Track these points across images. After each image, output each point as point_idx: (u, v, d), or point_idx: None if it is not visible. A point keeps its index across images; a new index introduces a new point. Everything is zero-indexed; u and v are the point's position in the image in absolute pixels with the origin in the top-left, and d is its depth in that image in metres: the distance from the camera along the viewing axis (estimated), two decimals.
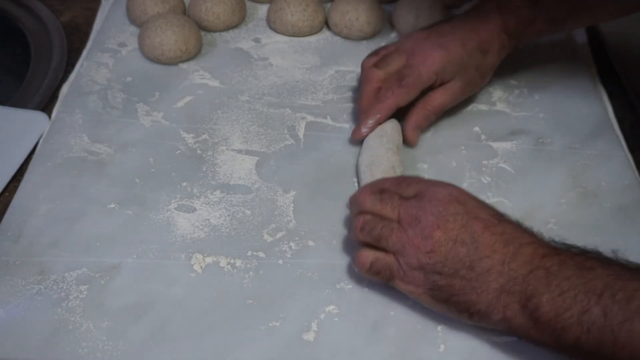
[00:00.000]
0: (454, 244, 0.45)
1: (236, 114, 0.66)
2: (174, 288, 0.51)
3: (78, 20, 0.79)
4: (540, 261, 0.43)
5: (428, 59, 0.61)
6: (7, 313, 0.49)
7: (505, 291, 0.43)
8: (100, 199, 0.57)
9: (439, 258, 0.45)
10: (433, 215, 0.46)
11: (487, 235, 0.45)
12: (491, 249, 0.44)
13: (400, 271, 0.47)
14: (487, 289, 0.44)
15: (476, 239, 0.45)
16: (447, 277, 0.45)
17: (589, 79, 0.71)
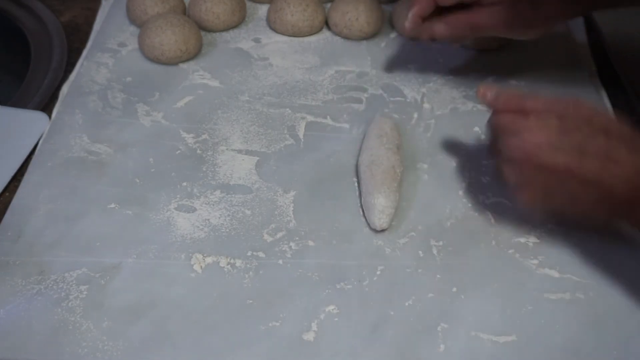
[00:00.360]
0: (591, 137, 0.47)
1: (236, 114, 0.66)
2: (174, 288, 0.51)
3: (78, 20, 0.79)
4: None
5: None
6: (7, 313, 0.49)
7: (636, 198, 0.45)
8: (100, 199, 0.57)
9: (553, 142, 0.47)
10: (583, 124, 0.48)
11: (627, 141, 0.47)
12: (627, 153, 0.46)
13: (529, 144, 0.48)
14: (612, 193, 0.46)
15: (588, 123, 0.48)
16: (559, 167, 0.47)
17: (589, 79, 0.71)
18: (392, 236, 0.55)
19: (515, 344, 0.48)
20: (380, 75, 0.71)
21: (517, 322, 0.49)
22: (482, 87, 0.54)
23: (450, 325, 0.49)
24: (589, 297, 0.51)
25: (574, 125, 0.48)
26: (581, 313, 0.50)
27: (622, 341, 0.48)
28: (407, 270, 0.53)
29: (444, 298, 0.51)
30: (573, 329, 0.49)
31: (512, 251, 0.54)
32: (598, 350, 0.48)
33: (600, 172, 0.46)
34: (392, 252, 0.54)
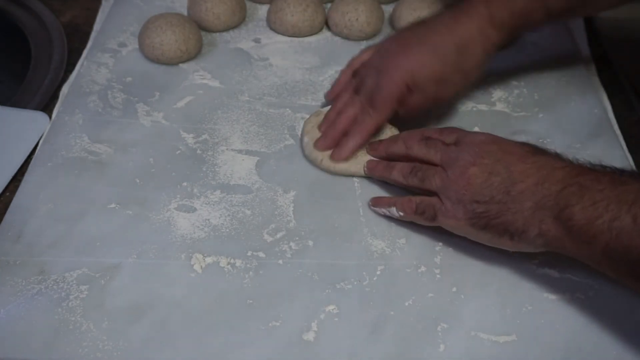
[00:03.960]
0: (488, 175, 0.49)
1: (236, 114, 0.66)
2: (174, 288, 0.51)
3: (78, 21, 0.79)
4: (573, 179, 0.45)
5: (394, 74, 0.59)
6: (7, 313, 0.49)
7: (540, 207, 0.46)
8: (101, 199, 0.57)
9: (475, 189, 0.49)
10: (469, 154, 0.50)
11: (521, 165, 0.48)
12: (525, 175, 0.48)
13: (442, 208, 0.51)
14: (522, 208, 0.47)
15: (510, 169, 0.48)
16: (484, 204, 0.48)
17: (589, 79, 0.71)
18: (392, 236, 0.55)
19: (515, 344, 0.48)
20: None
21: (517, 322, 0.49)
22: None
23: (450, 325, 0.49)
24: (588, 297, 0.51)
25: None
26: (581, 313, 0.50)
27: (622, 341, 0.48)
28: (407, 270, 0.53)
29: (444, 298, 0.51)
30: (573, 329, 0.49)
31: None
32: (598, 350, 0.48)
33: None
34: (392, 252, 0.54)
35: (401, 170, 0.56)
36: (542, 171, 0.47)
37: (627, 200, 0.42)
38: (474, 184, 0.49)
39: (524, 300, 0.51)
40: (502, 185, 0.48)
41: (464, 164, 0.50)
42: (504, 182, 0.48)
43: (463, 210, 0.49)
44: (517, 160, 0.49)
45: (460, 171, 0.50)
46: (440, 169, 0.52)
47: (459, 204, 0.50)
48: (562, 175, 0.46)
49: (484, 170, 0.49)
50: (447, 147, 0.53)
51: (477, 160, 0.50)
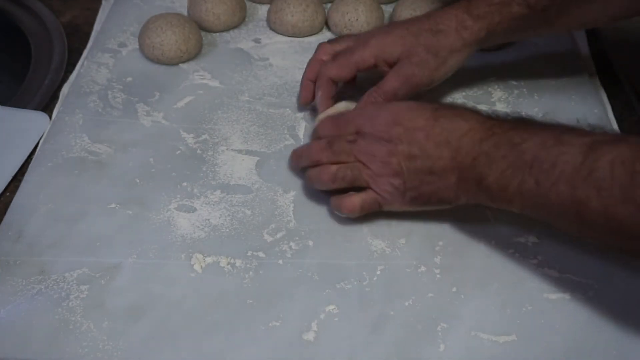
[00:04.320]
0: (408, 161, 0.51)
1: (236, 114, 0.66)
2: (174, 288, 0.51)
3: (78, 21, 0.79)
4: (479, 147, 0.49)
5: (367, 42, 0.61)
6: (7, 313, 0.49)
7: (462, 179, 0.50)
8: (101, 199, 0.57)
9: (404, 177, 0.52)
10: (382, 145, 0.52)
11: (431, 141, 0.51)
12: (439, 151, 0.51)
13: (382, 199, 0.54)
14: (449, 183, 0.51)
15: (423, 148, 0.51)
16: (417, 188, 0.52)
17: (589, 79, 0.71)
18: (392, 236, 0.55)
19: (515, 344, 0.48)
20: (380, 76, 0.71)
21: (517, 322, 0.49)
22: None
23: (450, 325, 0.49)
24: (589, 297, 0.51)
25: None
26: (581, 313, 0.50)
27: (622, 341, 0.48)
28: (407, 270, 0.53)
29: (444, 298, 0.51)
30: (573, 329, 0.49)
31: (511, 251, 0.54)
32: (598, 350, 0.48)
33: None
34: (392, 252, 0.54)
35: (327, 177, 0.55)
36: (452, 142, 0.50)
37: (526, 163, 0.45)
38: (400, 172, 0.52)
39: (524, 300, 0.51)
40: (425, 167, 0.51)
41: (382, 155, 0.52)
42: (424, 162, 0.51)
43: (401, 197, 0.53)
44: (426, 136, 0.51)
45: (382, 163, 0.52)
46: (361, 165, 0.53)
47: (396, 191, 0.52)
48: (469, 145, 0.49)
49: (403, 157, 0.51)
50: (354, 144, 0.54)
51: (392, 149, 0.52)
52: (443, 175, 0.51)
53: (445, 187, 0.51)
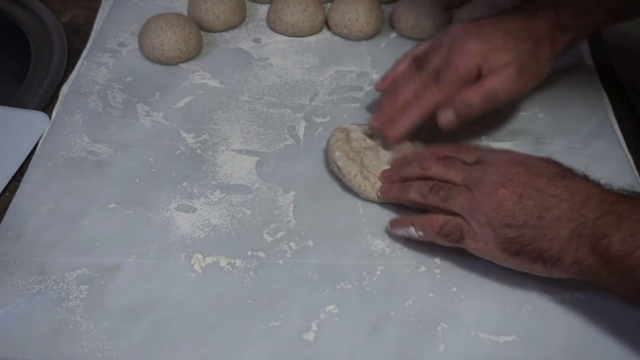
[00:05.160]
0: (519, 198, 0.46)
1: (236, 114, 0.66)
2: (174, 288, 0.51)
3: (78, 21, 0.79)
4: (610, 207, 0.44)
5: (466, 50, 0.56)
6: (7, 313, 0.49)
7: (576, 235, 0.44)
8: (100, 199, 0.57)
9: (507, 212, 0.46)
10: (496, 175, 0.48)
11: (552, 188, 0.46)
12: (558, 199, 0.45)
13: (470, 230, 0.48)
14: (557, 235, 0.45)
15: (542, 192, 0.46)
16: (517, 229, 0.46)
17: (589, 79, 0.71)
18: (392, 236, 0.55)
19: (515, 344, 0.48)
20: (381, 76, 0.71)
21: (517, 322, 0.49)
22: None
23: (450, 325, 0.49)
24: (588, 297, 0.51)
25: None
26: (581, 313, 0.50)
27: (622, 341, 0.48)
28: (407, 270, 0.53)
29: (444, 298, 0.51)
30: (573, 329, 0.49)
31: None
32: (598, 350, 0.48)
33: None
34: (392, 252, 0.54)
35: (419, 189, 0.52)
36: (576, 196, 0.45)
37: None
38: (505, 206, 0.47)
39: (524, 300, 0.51)
40: (535, 210, 0.46)
41: (492, 184, 0.48)
42: (537, 206, 0.46)
43: (493, 234, 0.47)
44: (548, 183, 0.47)
45: (488, 192, 0.48)
46: (464, 189, 0.49)
47: (489, 227, 0.47)
48: (598, 202, 0.44)
49: (514, 193, 0.47)
50: (469, 167, 0.50)
51: (506, 182, 0.47)
52: (553, 225, 0.45)
53: (552, 239, 0.45)
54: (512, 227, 0.46)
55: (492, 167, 0.49)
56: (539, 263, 0.46)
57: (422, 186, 0.52)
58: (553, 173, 0.48)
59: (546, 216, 0.45)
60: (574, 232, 0.44)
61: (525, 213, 0.46)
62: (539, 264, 0.46)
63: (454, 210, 0.49)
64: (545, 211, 0.45)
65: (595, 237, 0.43)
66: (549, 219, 0.45)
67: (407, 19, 0.75)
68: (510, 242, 0.47)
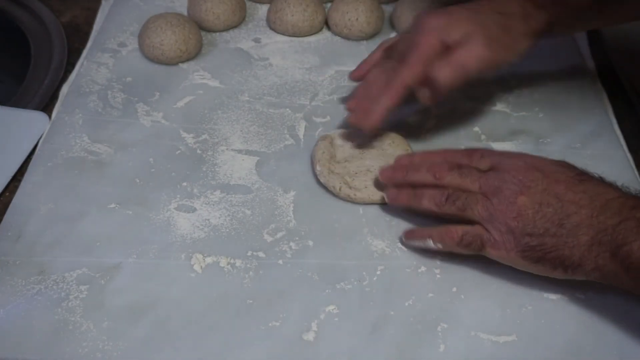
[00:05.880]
0: (539, 206, 0.46)
1: (236, 114, 0.66)
2: (174, 288, 0.51)
3: (78, 21, 0.79)
4: (629, 212, 0.44)
5: (426, 26, 0.55)
6: (7, 313, 0.49)
7: (596, 242, 0.44)
8: (100, 199, 0.57)
9: (527, 220, 0.46)
10: (514, 184, 0.48)
11: (571, 194, 0.46)
12: (577, 206, 0.46)
13: (490, 239, 0.48)
14: (578, 242, 0.45)
15: (560, 199, 0.46)
16: (538, 237, 0.46)
17: (589, 79, 0.71)
18: (392, 236, 0.55)
19: (515, 344, 0.48)
20: None
21: (517, 322, 0.49)
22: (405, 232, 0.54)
23: (450, 325, 0.49)
24: (588, 297, 0.51)
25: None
26: (581, 313, 0.50)
27: (622, 341, 0.48)
28: (407, 270, 0.53)
29: (444, 298, 0.51)
30: (573, 329, 0.49)
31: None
32: (598, 350, 0.48)
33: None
34: (392, 252, 0.54)
35: (433, 198, 0.51)
36: (595, 202, 0.45)
37: None
38: (525, 214, 0.46)
39: (524, 300, 0.51)
40: (556, 217, 0.46)
41: (511, 193, 0.47)
42: (557, 213, 0.46)
43: (514, 242, 0.47)
44: (566, 189, 0.46)
45: (508, 200, 0.47)
46: (481, 197, 0.49)
47: (510, 235, 0.47)
48: (617, 207, 0.45)
49: (534, 201, 0.47)
50: (484, 175, 0.50)
51: (525, 190, 0.47)
52: (573, 232, 0.45)
53: (572, 246, 0.45)
54: (534, 236, 0.46)
55: (509, 174, 0.48)
56: (559, 269, 0.47)
57: (436, 196, 0.51)
58: (570, 177, 0.47)
59: (566, 224, 0.45)
60: (594, 239, 0.44)
61: (546, 221, 0.46)
62: (560, 270, 0.47)
63: (473, 219, 0.49)
64: (565, 218, 0.46)
65: (616, 243, 0.43)
66: (569, 226, 0.45)
67: (407, 19, 0.74)
68: (532, 250, 0.47)
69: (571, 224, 0.45)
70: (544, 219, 0.46)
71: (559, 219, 0.46)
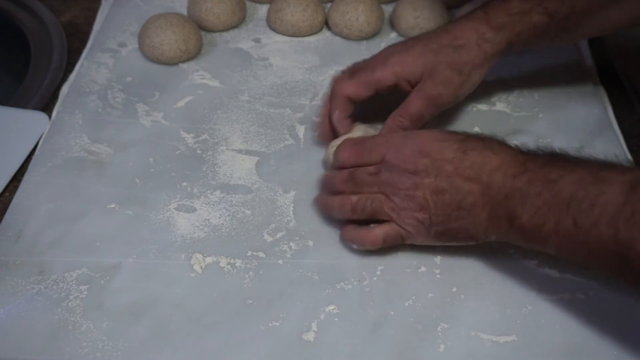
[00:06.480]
0: (436, 195, 0.49)
1: (236, 114, 0.66)
2: (174, 288, 0.51)
3: (78, 20, 0.79)
4: (512, 183, 0.46)
5: (387, 60, 0.58)
6: (7, 313, 0.49)
7: (494, 216, 0.47)
8: (100, 199, 0.57)
9: (430, 210, 0.49)
10: (406, 177, 0.50)
11: (460, 175, 0.48)
12: (468, 186, 0.48)
13: (407, 233, 0.51)
14: (479, 220, 0.48)
15: (451, 182, 0.48)
16: (444, 224, 0.49)
17: (589, 79, 0.71)
18: None
19: (515, 344, 0.48)
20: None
21: (517, 322, 0.49)
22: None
23: (450, 325, 0.49)
24: (588, 297, 0.51)
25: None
26: (581, 313, 0.50)
27: (622, 341, 0.48)
28: (407, 270, 0.53)
29: (444, 298, 0.51)
30: (573, 329, 0.49)
31: (512, 251, 0.54)
32: (598, 350, 0.48)
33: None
34: (392, 252, 0.54)
35: (342, 209, 0.53)
36: (482, 177, 0.47)
37: (563, 201, 0.43)
38: (427, 206, 0.49)
39: (524, 300, 0.51)
40: (453, 201, 0.48)
41: (407, 188, 0.50)
42: (453, 197, 0.48)
43: (426, 231, 0.50)
44: (454, 169, 0.48)
45: (406, 197, 0.50)
46: (384, 197, 0.51)
47: (421, 226, 0.50)
48: (501, 179, 0.47)
49: (430, 191, 0.49)
50: (377, 176, 0.51)
51: (418, 182, 0.49)
52: (473, 211, 0.48)
53: (475, 224, 0.48)
54: (439, 224, 0.49)
55: (398, 169, 0.50)
56: (472, 241, 0.50)
57: (344, 206, 0.53)
58: (455, 150, 0.49)
59: (464, 205, 0.48)
60: (491, 213, 0.47)
61: (446, 206, 0.49)
62: (473, 242, 0.50)
63: (386, 219, 0.51)
64: (461, 200, 0.48)
65: (508, 217, 0.46)
66: (468, 206, 0.48)
67: (407, 19, 0.75)
68: (442, 234, 0.50)
69: (468, 204, 0.48)
70: (443, 206, 0.49)
71: (457, 202, 0.48)
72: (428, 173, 0.49)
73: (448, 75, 0.58)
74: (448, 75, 0.58)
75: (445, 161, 0.49)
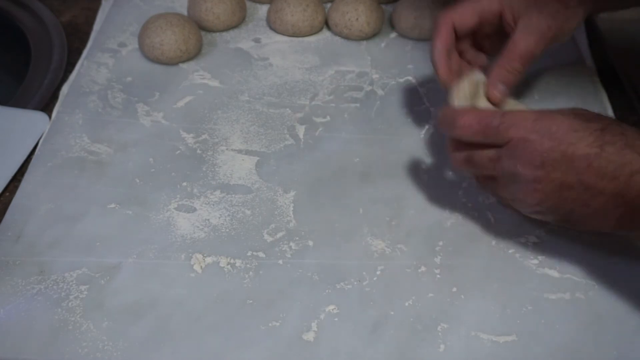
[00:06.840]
0: (560, 191, 0.45)
1: (236, 114, 0.66)
2: (174, 288, 0.51)
3: (78, 20, 0.79)
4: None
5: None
6: (7, 313, 0.49)
7: (627, 220, 0.44)
8: (100, 199, 0.57)
9: (550, 205, 0.46)
10: (530, 170, 0.46)
11: (593, 172, 0.44)
12: (601, 185, 0.44)
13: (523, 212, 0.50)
14: (606, 221, 0.45)
15: (582, 180, 0.44)
16: (564, 215, 0.47)
17: (589, 79, 0.71)
18: (392, 236, 0.55)
19: (515, 344, 0.48)
20: (380, 76, 0.71)
21: (517, 322, 0.49)
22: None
23: (450, 325, 0.49)
24: (589, 297, 0.51)
25: None
26: (581, 313, 0.50)
27: (622, 341, 0.48)
28: (407, 270, 0.53)
29: (444, 298, 0.51)
30: (573, 329, 0.49)
31: (512, 251, 0.54)
32: (598, 350, 0.48)
33: None
34: (392, 252, 0.54)
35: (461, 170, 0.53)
36: (619, 178, 0.43)
37: None
38: (546, 201, 0.46)
39: (524, 300, 0.51)
40: (580, 199, 0.45)
41: (528, 181, 0.46)
42: (581, 195, 0.44)
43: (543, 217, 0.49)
44: (587, 165, 0.44)
45: (526, 189, 0.46)
46: (502, 184, 0.49)
47: (538, 215, 0.49)
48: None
49: (554, 186, 0.45)
50: (496, 162, 0.48)
51: (543, 176, 0.45)
52: (601, 213, 0.45)
53: (600, 222, 0.45)
54: (559, 214, 0.47)
55: (523, 158, 0.46)
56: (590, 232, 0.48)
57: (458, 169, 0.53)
58: (590, 144, 0.44)
59: (592, 204, 0.44)
60: (624, 215, 0.44)
61: (569, 203, 0.45)
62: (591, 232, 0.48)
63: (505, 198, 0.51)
64: (590, 199, 0.44)
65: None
66: (596, 206, 0.44)
67: (407, 19, 0.75)
68: (560, 221, 0.48)
69: (597, 205, 0.44)
70: (566, 202, 0.45)
71: (584, 201, 0.45)
72: (555, 168, 0.45)
73: (555, 7, 0.54)
74: (555, 7, 0.54)
75: (578, 157, 0.44)
